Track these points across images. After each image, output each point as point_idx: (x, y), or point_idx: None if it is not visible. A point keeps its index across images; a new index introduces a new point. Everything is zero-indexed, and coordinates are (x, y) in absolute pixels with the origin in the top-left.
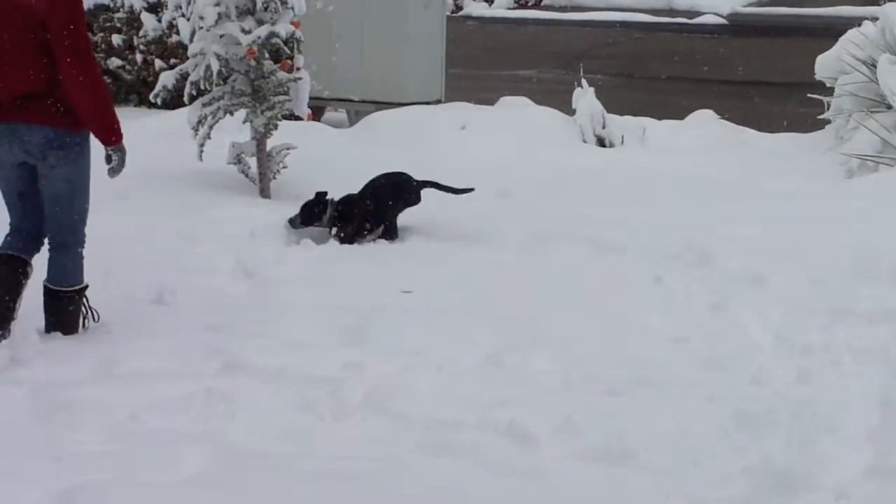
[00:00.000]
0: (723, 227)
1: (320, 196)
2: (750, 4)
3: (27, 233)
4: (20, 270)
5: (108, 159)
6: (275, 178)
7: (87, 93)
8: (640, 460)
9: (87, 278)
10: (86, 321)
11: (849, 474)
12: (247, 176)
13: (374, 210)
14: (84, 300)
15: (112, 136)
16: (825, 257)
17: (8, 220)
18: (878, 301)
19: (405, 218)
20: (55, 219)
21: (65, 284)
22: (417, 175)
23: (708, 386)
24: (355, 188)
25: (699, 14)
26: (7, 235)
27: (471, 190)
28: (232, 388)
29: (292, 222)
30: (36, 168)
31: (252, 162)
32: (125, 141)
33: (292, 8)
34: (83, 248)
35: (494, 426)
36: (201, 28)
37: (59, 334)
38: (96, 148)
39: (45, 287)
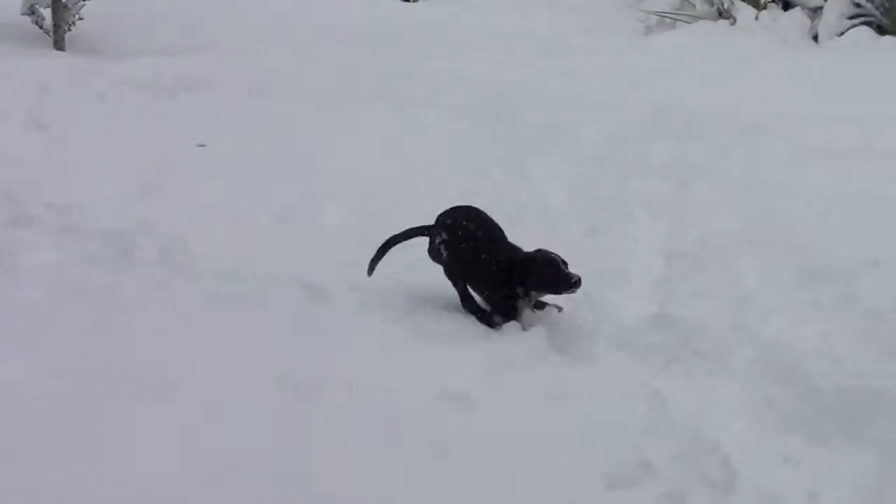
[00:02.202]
0: (526, 81)
1: None
2: None
3: None
4: None
5: None
6: (70, 30)
7: None
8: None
9: None
10: None
11: (631, 323)
12: (41, 28)
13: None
14: None
15: None
16: (622, 112)
17: None
18: (670, 154)
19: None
20: None
21: None
22: None
23: None
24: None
25: None
26: None
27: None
28: (19, 243)
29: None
30: None
31: (47, 13)
32: None
33: None
34: None
35: (287, 281)
36: None
37: None
38: None
39: None
